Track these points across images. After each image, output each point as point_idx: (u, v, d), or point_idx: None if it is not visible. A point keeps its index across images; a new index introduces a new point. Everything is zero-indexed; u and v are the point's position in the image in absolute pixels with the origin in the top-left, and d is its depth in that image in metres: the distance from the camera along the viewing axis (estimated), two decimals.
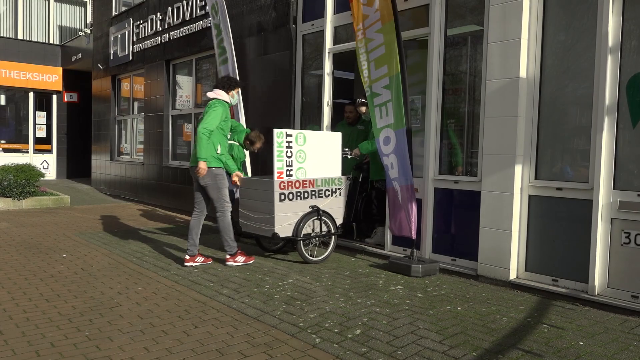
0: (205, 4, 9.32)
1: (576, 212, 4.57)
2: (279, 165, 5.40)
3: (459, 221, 5.48)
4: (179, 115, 10.52)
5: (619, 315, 4.17)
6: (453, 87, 5.63)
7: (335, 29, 6.96)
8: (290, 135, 5.48)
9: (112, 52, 12.84)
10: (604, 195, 4.37)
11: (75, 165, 17.38)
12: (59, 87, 17.39)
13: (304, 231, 5.59)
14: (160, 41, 10.74)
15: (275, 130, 5.32)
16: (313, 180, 5.69)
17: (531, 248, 4.90)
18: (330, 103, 6.99)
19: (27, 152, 16.96)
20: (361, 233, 6.63)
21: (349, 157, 6.34)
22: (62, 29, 19.19)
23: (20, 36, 18.19)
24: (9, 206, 10.08)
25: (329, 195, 5.85)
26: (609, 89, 4.35)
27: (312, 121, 7.39)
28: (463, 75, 5.57)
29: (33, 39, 18.34)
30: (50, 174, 17.13)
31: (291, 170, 5.51)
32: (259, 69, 8.08)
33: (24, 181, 10.25)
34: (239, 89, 5.61)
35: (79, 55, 15.83)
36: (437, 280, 5.14)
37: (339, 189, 5.97)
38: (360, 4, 5.66)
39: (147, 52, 11.28)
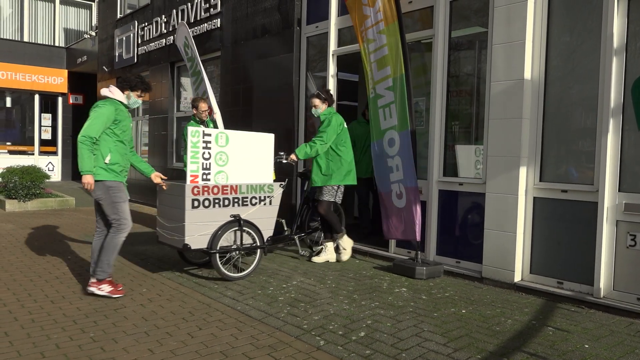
0: (210, 7, 9.34)
1: (581, 215, 4.55)
2: (192, 167, 4.81)
3: (464, 223, 5.47)
4: (183, 117, 10.54)
5: (624, 317, 4.15)
6: (457, 89, 5.63)
7: (340, 31, 6.97)
8: (209, 135, 4.90)
9: (117, 54, 12.89)
10: (609, 197, 4.36)
11: None
12: (64, 90, 17.47)
13: (223, 243, 4.94)
14: (165, 43, 10.78)
15: (189, 129, 4.81)
16: (236, 186, 5.04)
17: (536, 250, 4.88)
18: (334, 105, 6.97)
19: (33, 154, 17.05)
20: (306, 246, 6.33)
21: (284, 162, 5.90)
22: (67, 31, 19.28)
23: (26, 39, 18.29)
24: (15, 208, 10.12)
25: (255, 203, 5.18)
26: (614, 91, 4.33)
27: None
28: (467, 77, 5.56)
29: (39, 42, 18.43)
30: (56, 175, 17.21)
31: (209, 174, 4.91)
32: (263, 71, 8.09)
33: (29, 183, 10.30)
34: (141, 91, 4.67)
35: (84, 58, 15.90)
36: (442, 283, 5.13)
37: (268, 196, 5.28)
38: (361, 4, 5.65)
39: (152, 54, 11.32)
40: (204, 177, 4.88)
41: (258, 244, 5.20)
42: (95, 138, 4.36)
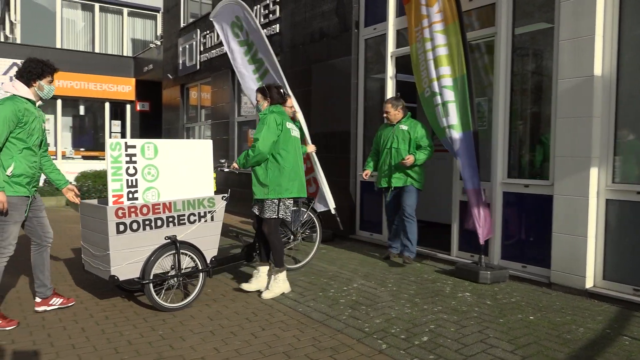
0: (269, 13, 9.51)
1: None
2: (115, 186, 4.07)
3: (530, 226, 5.28)
4: (244, 122, 10.78)
5: None
6: (521, 88, 5.45)
7: (398, 32, 6.91)
8: (133, 147, 4.16)
9: (180, 62, 13.36)
10: None
11: None
12: (132, 97, 18.29)
13: (157, 270, 4.23)
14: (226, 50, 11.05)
15: (109, 141, 4.05)
16: (169, 203, 4.32)
17: (609, 255, 4.64)
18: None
19: (104, 159, 17.95)
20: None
21: (226, 170, 5.21)
22: (134, 41, 20.19)
23: (97, 50, 19.31)
24: None
25: (194, 220, 4.47)
26: None
27: (375, 125, 7.36)
28: (532, 75, 5.37)
29: (108, 52, 19.42)
30: None
31: (136, 192, 4.19)
32: (321, 74, 8.15)
33: (101, 187, 10.86)
34: (50, 76, 4.01)
35: (150, 66, 16.59)
36: (507, 288, 4.97)
37: (209, 212, 4.59)
38: (419, 4, 5.58)
39: (213, 61, 11.65)
40: (130, 195, 4.17)
41: (200, 267, 4.50)
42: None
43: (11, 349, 3.42)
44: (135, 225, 4.11)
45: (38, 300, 4.19)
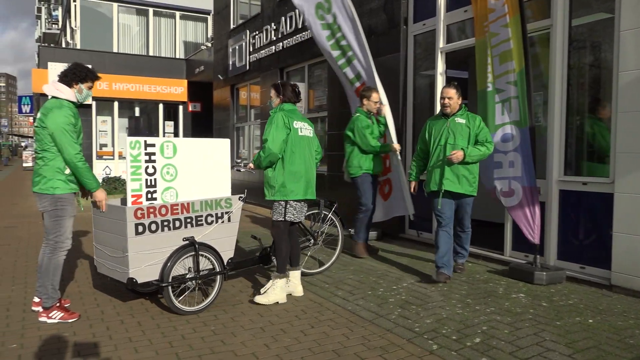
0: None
1: None
2: (134, 186, 3.99)
3: (588, 226, 5.06)
4: None
5: None
6: (578, 81, 5.22)
7: (447, 27, 6.78)
8: (152, 145, 4.06)
9: (230, 63, 13.61)
10: None
11: None
12: (184, 98, 18.79)
13: (176, 272, 4.12)
14: (275, 50, 11.18)
15: (128, 139, 3.98)
16: (188, 203, 4.22)
17: None
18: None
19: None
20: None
21: (242, 170, 5.12)
22: (186, 44, 20.73)
23: (151, 53, 19.95)
24: None
25: (212, 221, 4.37)
26: None
27: (423, 122, 7.25)
28: (590, 68, 5.15)
29: (162, 55, 20.02)
30: None
31: (155, 192, 4.09)
32: None
33: None
34: (91, 81, 4.12)
35: (202, 68, 16.98)
36: (564, 289, 4.79)
37: (226, 212, 4.48)
38: None
39: (262, 61, 11.80)
40: (149, 196, 4.07)
41: (218, 269, 4.38)
42: (80, 152, 3.94)
43: (73, 340, 3.58)
44: (153, 227, 4.01)
45: (36, 300, 4.18)
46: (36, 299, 4.16)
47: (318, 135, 10.05)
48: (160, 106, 18.88)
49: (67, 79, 4.00)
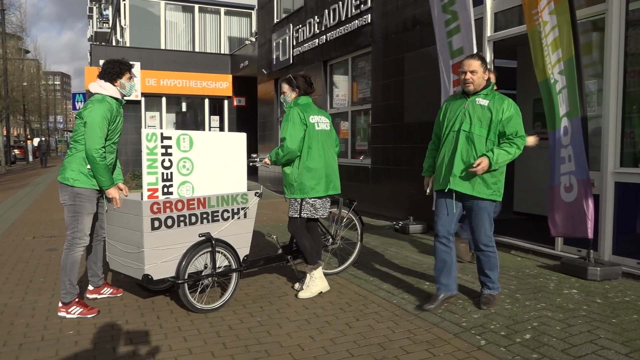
0: (361, 3, 9.46)
1: None
2: (150, 179, 3.87)
3: None
4: (336, 114, 10.84)
5: None
6: (636, 69, 4.97)
7: (495, 15, 6.58)
8: (169, 138, 3.94)
9: (274, 57, 13.70)
10: None
11: None
12: (229, 93, 19.08)
13: (191, 269, 4.01)
14: (318, 43, 11.18)
15: (144, 131, 3.84)
16: (204, 198, 4.09)
17: None
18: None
19: None
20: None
21: (258, 165, 4.84)
22: (231, 39, 21.02)
23: (197, 49, 20.33)
24: None
25: (228, 217, 4.24)
26: None
27: None
28: None
29: (207, 51, 20.37)
30: None
31: (171, 186, 3.98)
32: (414, 63, 7.98)
33: None
34: (128, 72, 4.12)
35: (246, 62, 17.17)
36: (620, 286, 4.59)
37: (242, 208, 4.34)
38: None
39: (306, 54, 11.82)
40: (165, 190, 3.96)
41: (234, 266, 4.26)
42: (103, 147, 3.90)
43: (126, 328, 3.71)
44: (169, 222, 3.88)
45: (90, 288, 4.41)
46: (90, 287, 4.39)
47: (361, 128, 10.05)
48: (206, 101, 19.24)
49: (107, 78, 4.05)
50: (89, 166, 3.91)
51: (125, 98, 4.21)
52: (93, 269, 4.37)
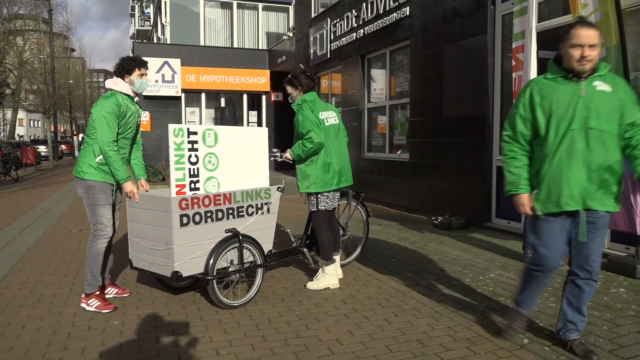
0: None
1: None
2: (178, 175, 3.82)
3: None
4: (374, 108, 10.77)
5: None
6: None
7: (539, 5, 6.38)
8: (195, 133, 3.92)
9: (312, 51, 13.70)
10: None
11: None
12: (267, 88, 19.20)
13: (219, 265, 3.99)
14: (355, 37, 11.11)
15: (171, 127, 3.81)
16: (230, 194, 4.08)
17: None
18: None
19: None
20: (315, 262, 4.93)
21: (279, 160, 4.75)
22: (268, 35, 21.14)
23: (235, 45, 20.54)
24: None
25: (252, 212, 4.24)
26: None
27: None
28: None
29: (245, 47, 20.55)
30: None
31: (197, 181, 3.94)
32: (454, 55, 7.83)
33: None
34: (143, 69, 4.15)
35: (283, 58, 17.24)
36: None
37: (266, 203, 4.36)
38: None
39: (343, 48, 11.77)
40: (192, 186, 3.92)
41: (259, 262, 4.28)
42: (114, 141, 3.93)
43: (168, 319, 3.80)
44: (197, 218, 3.87)
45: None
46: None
47: (399, 122, 9.95)
48: (244, 96, 19.43)
49: (118, 74, 4.11)
50: (97, 159, 3.96)
51: (141, 94, 4.24)
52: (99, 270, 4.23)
